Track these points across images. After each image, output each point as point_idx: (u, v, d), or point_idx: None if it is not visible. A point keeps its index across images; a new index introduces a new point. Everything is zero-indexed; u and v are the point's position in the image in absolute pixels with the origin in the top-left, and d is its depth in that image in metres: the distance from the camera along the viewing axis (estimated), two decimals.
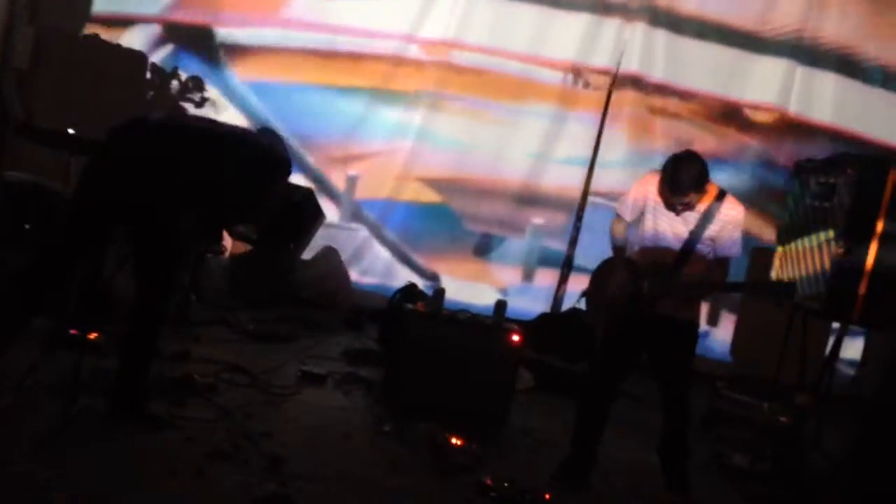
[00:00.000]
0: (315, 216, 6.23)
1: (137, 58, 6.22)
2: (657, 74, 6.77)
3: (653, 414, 3.92)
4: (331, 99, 6.66)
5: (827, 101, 6.80)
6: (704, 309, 5.89)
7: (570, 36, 6.67)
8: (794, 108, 6.81)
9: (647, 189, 3.71)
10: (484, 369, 4.32)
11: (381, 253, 6.81)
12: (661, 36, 6.73)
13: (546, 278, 6.83)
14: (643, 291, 3.66)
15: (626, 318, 3.72)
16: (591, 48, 6.70)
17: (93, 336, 3.93)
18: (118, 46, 6.16)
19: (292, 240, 6.12)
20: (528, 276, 6.95)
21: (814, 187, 4.53)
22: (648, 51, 6.72)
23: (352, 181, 6.80)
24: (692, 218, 3.60)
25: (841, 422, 4.55)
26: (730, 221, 3.60)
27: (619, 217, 3.85)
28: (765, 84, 6.80)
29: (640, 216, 3.76)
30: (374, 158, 6.76)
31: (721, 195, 3.63)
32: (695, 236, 3.60)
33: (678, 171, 3.52)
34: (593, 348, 5.85)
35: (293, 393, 4.25)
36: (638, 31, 6.72)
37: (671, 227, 3.65)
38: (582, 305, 4.15)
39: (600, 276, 3.96)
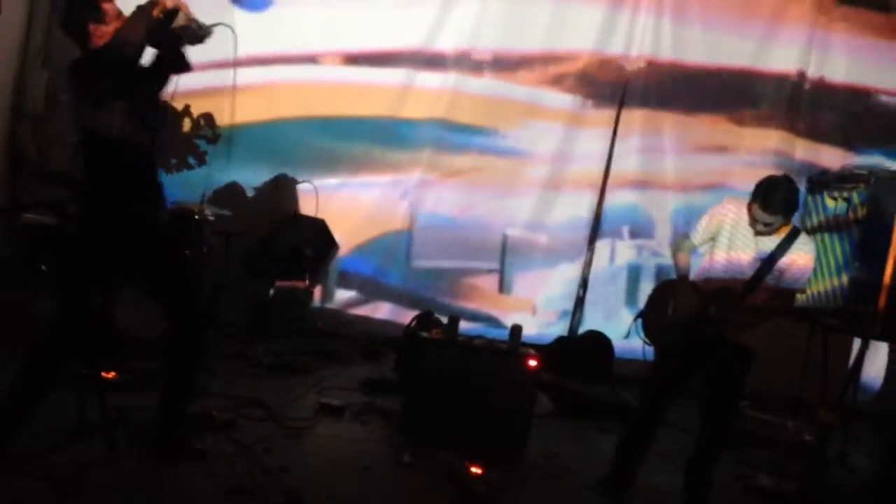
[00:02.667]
0: (329, 247, 6.25)
1: None
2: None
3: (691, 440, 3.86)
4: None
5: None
6: None
7: (585, 27, 6.61)
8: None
9: (725, 211, 3.69)
10: (501, 395, 4.30)
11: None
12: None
13: None
14: (710, 314, 3.60)
15: (686, 341, 3.66)
16: (608, 39, 6.64)
17: (111, 375, 3.96)
18: None
19: (307, 272, 6.13)
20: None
21: (828, 202, 4.51)
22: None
23: None
24: (767, 246, 3.57)
25: (867, 438, 4.49)
26: (802, 256, 3.57)
27: (686, 237, 3.84)
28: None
29: (711, 242, 3.73)
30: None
31: (795, 231, 3.62)
32: (767, 263, 3.57)
33: (775, 189, 3.51)
34: (609, 370, 5.91)
35: (311, 426, 4.24)
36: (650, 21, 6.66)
37: (746, 249, 3.60)
38: (636, 329, 4.02)
39: (658, 297, 3.90)
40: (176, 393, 3.50)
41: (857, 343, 4.80)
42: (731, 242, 3.65)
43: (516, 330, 4.54)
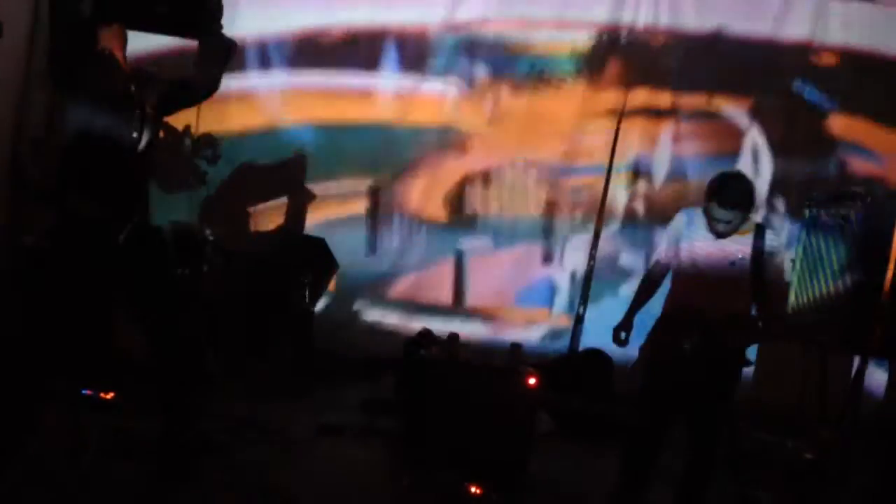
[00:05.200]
0: (328, 266, 6.26)
1: None
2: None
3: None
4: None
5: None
6: None
7: None
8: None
9: (680, 218, 3.66)
10: (501, 414, 4.27)
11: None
12: None
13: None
14: (685, 349, 3.46)
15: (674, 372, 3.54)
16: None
17: (109, 396, 3.96)
18: None
19: (305, 295, 6.13)
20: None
21: (825, 219, 4.51)
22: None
23: None
24: (733, 248, 3.48)
25: (869, 455, 4.46)
26: (772, 250, 3.50)
27: (655, 263, 3.79)
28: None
29: (675, 252, 3.65)
30: None
31: (761, 227, 3.56)
32: (736, 263, 3.47)
33: (726, 183, 3.46)
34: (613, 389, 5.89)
35: (310, 447, 4.24)
36: None
37: (708, 249, 3.51)
38: None
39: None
40: (172, 414, 3.47)
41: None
42: (691, 242, 3.55)
43: (516, 348, 4.53)
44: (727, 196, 3.43)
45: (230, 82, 5.59)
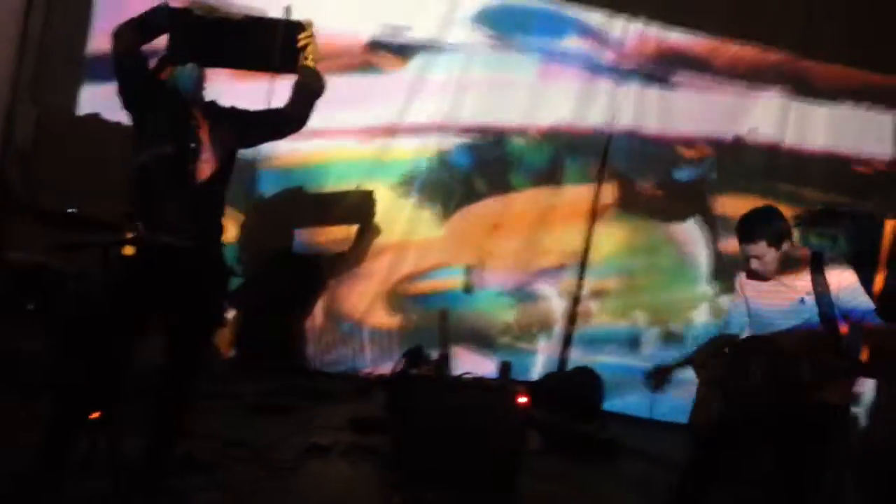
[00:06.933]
0: (319, 282, 6.24)
1: None
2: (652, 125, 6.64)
3: None
4: None
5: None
6: None
7: (563, 101, 6.60)
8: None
9: (736, 283, 3.48)
10: (491, 433, 4.26)
11: None
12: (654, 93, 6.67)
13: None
14: (803, 374, 3.10)
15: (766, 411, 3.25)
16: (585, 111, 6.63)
17: (95, 416, 3.89)
18: (119, 125, 6.24)
19: (296, 307, 6.12)
20: None
21: (813, 239, 4.54)
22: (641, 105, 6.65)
23: None
24: (794, 283, 3.22)
25: (854, 479, 4.44)
26: (838, 274, 3.19)
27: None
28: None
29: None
30: None
31: (817, 255, 3.28)
32: (805, 301, 3.19)
33: (743, 217, 3.28)
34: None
35: (298, 466, 4.19)
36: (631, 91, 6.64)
37: (762, 291, 3.31)
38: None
39: (740, 357, 3.39)
40: (161, 433, 3.45)
41: None
42: (748, 300, 3.39)
43: (505, 366, 4.53)
44: (743, 229, 3.27)
45: None
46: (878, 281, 4.09)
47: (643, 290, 6.57)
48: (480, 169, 6.60)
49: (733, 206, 6.28)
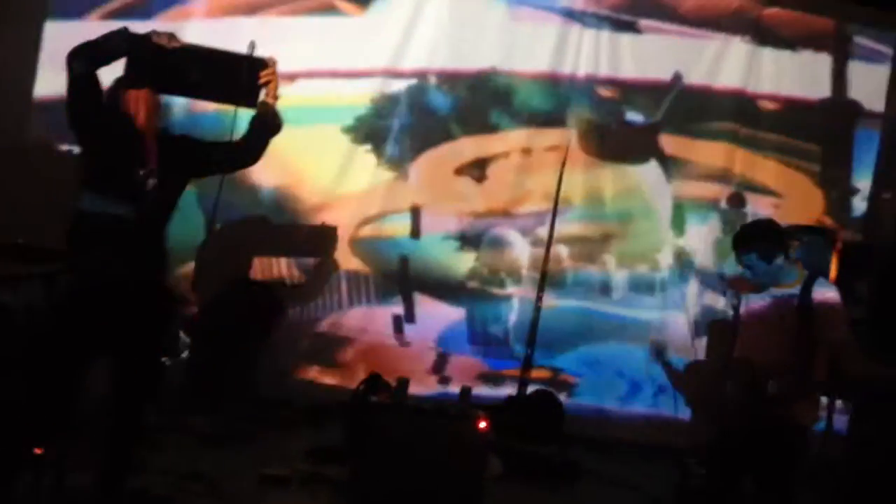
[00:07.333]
0: (276, 313, 6.17)
1: None
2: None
3: None
4: None
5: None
6: None
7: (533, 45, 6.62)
8: None
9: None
10: (451, 459, 4.24)
11: None
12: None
13: None
14: (770, 392, 3.17)
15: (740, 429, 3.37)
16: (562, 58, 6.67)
17: (38, 451, 3.77)
18: (68, 152, 6.13)
19: (253, 337, 6.03)
20: None
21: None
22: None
23: None
24: (787, 299, 3.29)
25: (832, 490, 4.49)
26: (822, 293, 3.27)
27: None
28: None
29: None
30: None
31: (812, 275, 3.35)
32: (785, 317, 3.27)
33: (739, 230, 3.43)
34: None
35: (258, 499, 4.11)
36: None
37: (758, 302, 3.40)
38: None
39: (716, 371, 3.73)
40: (112, 467, 3.36)
41: None
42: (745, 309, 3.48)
43: (465, 391, 4.51)
44: (738, 240, 3.42)
45: None
46: None
47: (611, 236, 6.66)
48: (450, 112, 6.61)
49: (686, 148, 6.58)
